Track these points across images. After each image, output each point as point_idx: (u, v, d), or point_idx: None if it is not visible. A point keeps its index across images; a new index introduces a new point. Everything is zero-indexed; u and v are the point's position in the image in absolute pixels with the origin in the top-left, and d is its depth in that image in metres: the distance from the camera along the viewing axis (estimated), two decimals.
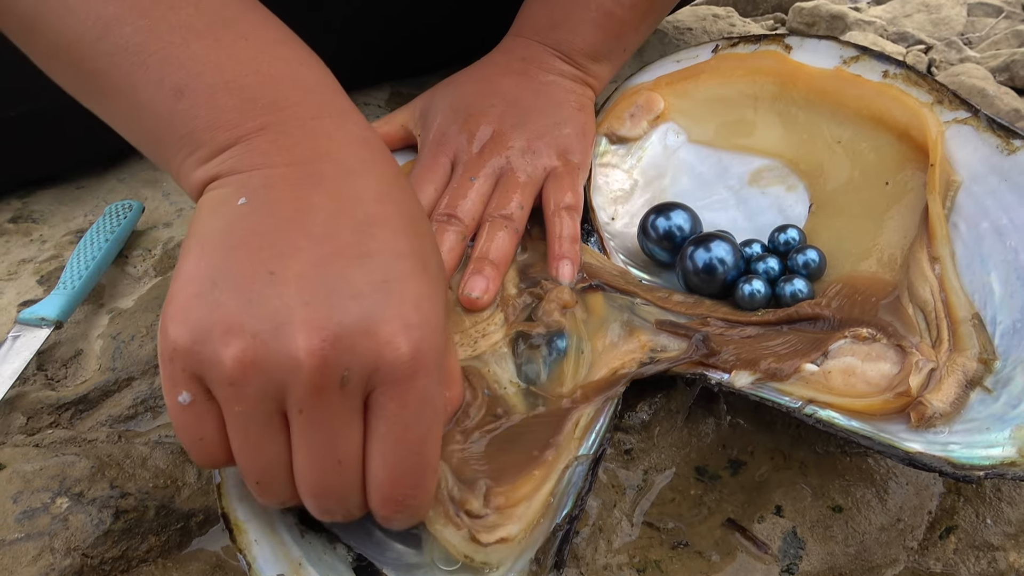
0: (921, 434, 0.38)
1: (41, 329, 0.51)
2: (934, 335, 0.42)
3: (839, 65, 0.53)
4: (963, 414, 0.38)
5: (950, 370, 0.39)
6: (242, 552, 0.35)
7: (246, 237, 0.31)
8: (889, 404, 0.39)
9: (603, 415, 0.42)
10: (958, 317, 0.42)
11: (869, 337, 0.41)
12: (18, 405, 0.49)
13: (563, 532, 0.37)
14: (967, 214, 0.45)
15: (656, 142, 0.57)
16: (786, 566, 0.42)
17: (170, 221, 0.63)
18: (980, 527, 0.43)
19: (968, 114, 0.47)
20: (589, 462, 0.39)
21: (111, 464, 0.44)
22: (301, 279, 0.30)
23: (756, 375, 0.41)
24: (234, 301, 0.30)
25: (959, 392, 0.38)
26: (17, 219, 0.64)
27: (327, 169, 0.33)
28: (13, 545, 0.39)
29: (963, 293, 0.43)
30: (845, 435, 0.38)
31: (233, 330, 0.29)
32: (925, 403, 0.38)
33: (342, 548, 0.37)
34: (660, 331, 0.45)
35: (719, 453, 0.46)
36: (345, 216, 0.32)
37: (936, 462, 0.36)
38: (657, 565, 0.42)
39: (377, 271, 0.31)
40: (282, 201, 0.32)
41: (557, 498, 0.38)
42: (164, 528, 0.43)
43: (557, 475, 0.39)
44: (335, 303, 0.29)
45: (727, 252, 0.47)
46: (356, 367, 0.29)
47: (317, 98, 0.36)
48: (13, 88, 0.60)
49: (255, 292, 0.30)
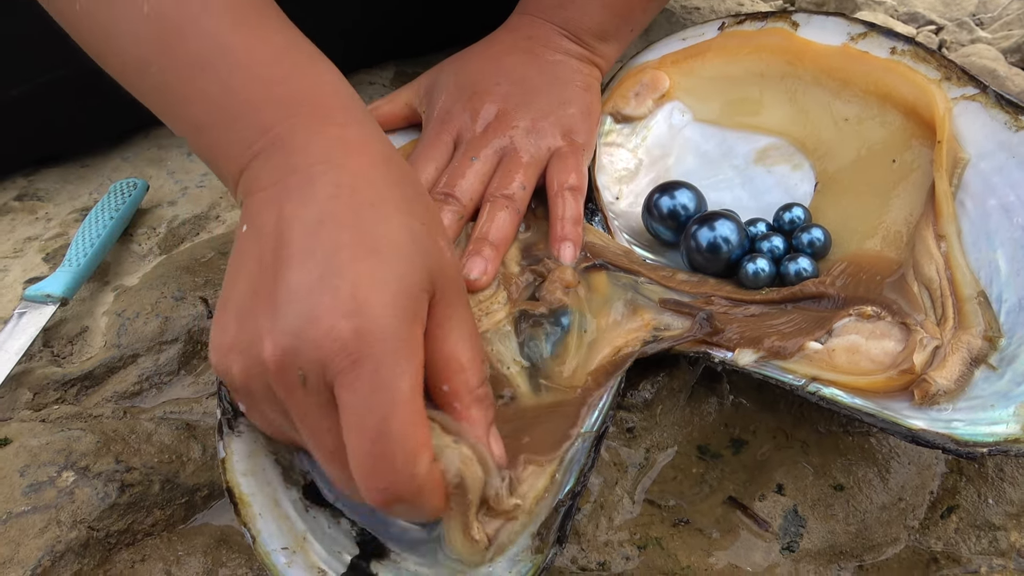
0: (925, 411, 0.38)
1: (47, 306, 0.51)
2: (939, 313, 0.41)
3: (846, 42, 0.52)
4: (967, 391, 0.38)
5: (954, 348, 0.39)
6: (246, 526, 0.36)
7: (243, 262, 0.35)
8: (893, 382, 0.39)
9: (606, 393, 0.42)
10: (963, 295, 0.41)
11: (873, 315, 0.41)
12: (24, 381, 0.49)
13: (565, 508, 0.37)
14: (974, 191, 0.44)
15: (661, 121, 0.57)
16: (787, 543, 0.42)
17: (175, 200, 0.63)
18: (982, 507, 0.43)
19: (976, 90, 0.47)
20: (592, 439, 0.39)
21: (116, 439, 0.44)
22: (268, 297, 0.33)
23: (760, 353, 0.41)
24: (233, 325, 0.34)
25: (963, 370, 0.38)
26: (23, 197, 0.64)
27: (293, 182, 0.35)
28: (20, 517, 0.40)
29: (969, 271, 0.42)
30: (848, 412, 0.38)
31: (233, 349, 0.34)
32: (929, 380, 0.38)
33: (346, 523, 0.37)
34: (664, 310, 0.45)
35: (721, 432, 0.46)
36: (297, 225, 0.34)
37: (939, 439, 0.36)
38: (658, 542, 0.42)
39: (314, 270, 0.32)
40: (264, 225, 0.35)
41: (560, 475, 0.38)
42: (169, 502, 0.43)
43: (561, 453, 0.39)
44: (284, 312, 0.32)
45: (731, 231, 0.47)
46: (307, 365, 0.32)
47: (307, 110, 0.38)
48: (17, 67, 0.60)
49: (243, 314, 0.34)
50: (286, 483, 0.38)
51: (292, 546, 0.35)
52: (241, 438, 0.39)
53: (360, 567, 0.35)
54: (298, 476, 0.38)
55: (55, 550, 0.39)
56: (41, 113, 0.63)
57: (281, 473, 0.38)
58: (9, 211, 0.63)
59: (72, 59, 0.63)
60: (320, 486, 0.38)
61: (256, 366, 0.33)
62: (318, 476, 0.39)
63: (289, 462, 0.39)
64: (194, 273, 0.55)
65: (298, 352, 0.32)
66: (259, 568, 0.41)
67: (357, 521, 0.37)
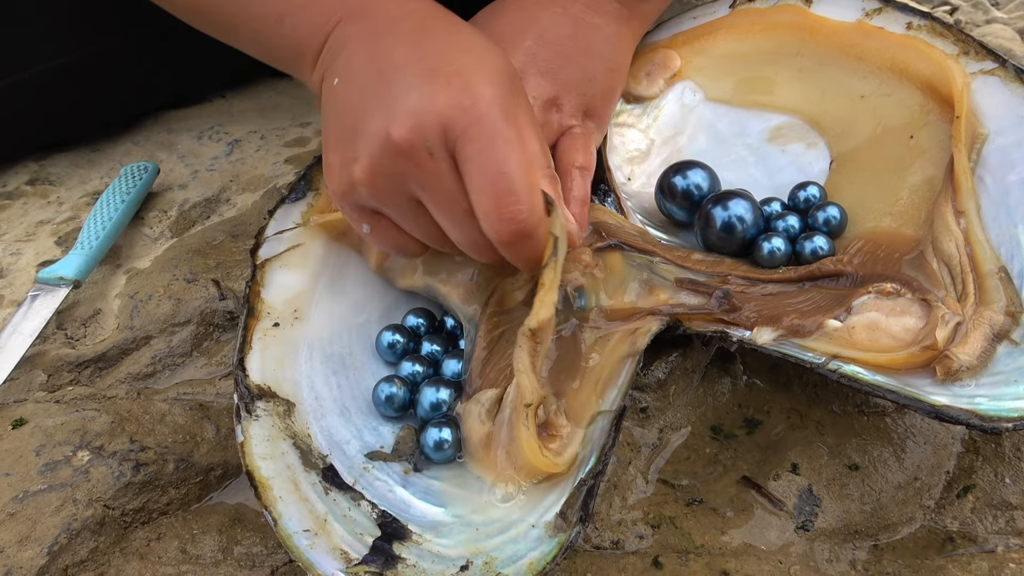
0: (947, 387, 0.37)
1: (60, 288, 0.51)
2: (959, 289, 0.41)
3: (861, 18, 0.51)
4: (990, 367, 0.38)
5: (976, 324, 0.39)
6: (267, 509, 0.36)
7: (344, 100, 0.40)
8: (915, 358, 0.38)
9: (624, 371, 0.41)
10: (984, 271, 0.41)
11: (893, 292, 0.41)
12: (39, 363, 0.49)
13: (588, 487, 0.37)
14: (993, 167, 0.44)
15: (673, 101, 0.56)
16: (801, 523, 0.41)
17: (185, 183, 0.63)
18: (998, 486, 0.43)
19: (995, 65, 0.46)
20: (611, 417, 0.39)
21: (130, 419, 0.44)
22: (381, 101, 0.38)
23: (779, 331, 0.41)
24: (348, 143, 0.39)
25: (985, 345, 0.38)
26: (34, 182, 0.64)
27: (381, 29, 0.41)
28: (37, 496, 0.40)
29: (989, 246, 0.42)
30: (870, 389, 0.38)
31: (353, 158, 0.39)
32: (951, 356, 0.38)
33: (366, 505, 0.37)
34: (680, 289, 0.45)
35: (735, 412, 0.46)
36: (396, 48, 0.40)
37: (963, 415, 0.36)
38: (672, 521, 0.42)
39: (423, 67, 0.38)
40: (360, 66, 0.40)
41: (582, 453, 0.38)
42: (183, 481, 0.43)
43: (582, 432, 0.39)
44: (403, 101, 0.38)
45: (746, 210, 0.46)
46: (432, 134, 0.37)
47: None
48: (28, 50, 0.60)
49: (357, 129, 0.39)
50: (305, 467, 0.38)
51: (314, 528, 0.35)
52: (259, 422, 0.39)
53: (383, 548, 0.35)
54: (317, 460, 0.38)
55: (71, 528, 0.39)
56: (52, 97, 0.63)
57: (300, 457, 0.38)
58: (21, 195, 0.63)
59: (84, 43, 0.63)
60: (339, 469, 0.38)
61: (382, 154, 0.37)
62: (337, 459, 0.39)
63: (308, 446, 0.39)
64: (205, 256, 0.55)
65: (423, 126, 0.37)
66: (273, 546, 0.41)
67: (377, 503, 0.37)
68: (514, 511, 0.37)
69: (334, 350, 0.44)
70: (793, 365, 0.46)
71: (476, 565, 0.35)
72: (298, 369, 0.42)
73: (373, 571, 0.34)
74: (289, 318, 0.44)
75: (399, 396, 0.42)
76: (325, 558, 0.35)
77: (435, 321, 0.48)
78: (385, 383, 0.43)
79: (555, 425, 0.39)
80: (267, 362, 0.42)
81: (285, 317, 0.44)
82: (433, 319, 0.48)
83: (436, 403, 0.42)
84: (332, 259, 0.48)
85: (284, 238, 0.48)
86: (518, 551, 0.35)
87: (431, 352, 0.46)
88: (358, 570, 0.34)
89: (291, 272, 0.46)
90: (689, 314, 0.43)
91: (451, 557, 0.35)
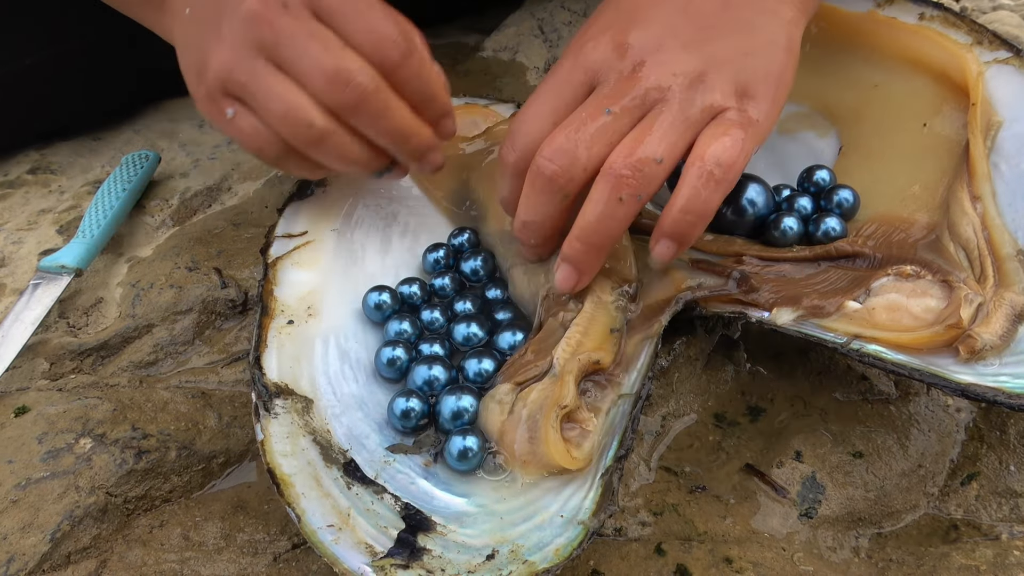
0: (971, 367, 0.37)
1: (61, 277, 0.51)
2: (977, 272, 0.41)
3: (873, 8, 0.51)
4: (1012, 347, 0.38)
5: (997, 304, 0.39)
6: (291, 505, 0.35)
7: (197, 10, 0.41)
8: (938, 337, 0.38)
9: (643, 354, 0.41)
10: (1002, 254, 0.41)
11: (913, 274, 0.41)
12: (41, 351, 0.49)
13: (614, 473, 0.37)
14: (1008, 153, 0.44)
15: None
16: (805, 510, 0.41)
17: (187, 172, 0.63)
18: (1003, 473, 0.43)
19: (1009, 54, 0.46)
20: (632, 401, 0.39)
21: (132, 407, 0.44)
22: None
23: (799, 312, 0.40)
24: (211, 36, 0.39)
25: (1008, 326, 0.38)
26: (36, 170, 0.64)
27: None
28: (39, 483, 0.40)
29: (1007, 230, 0.42)
30: (893, 369, 0.38)
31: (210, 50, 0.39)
32: (975, 336, 0.37)
33: (389, 498, 0.37)
34: (696, 270, 0.44)
35: (738, 400, 0.46)
36: None
37: (990, 392, 0.36)
38: (674, 508, 0.42)
39: None
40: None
41: (604, 441, 0.38)
42: (186, 469, 0.43)
43: (603, 416, 0.39)
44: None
45: (758, 193, 0.46)
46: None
47: None
48: (28, 38, 0.60)
49: (220, 17, 0.39)
50: (326, 462, 0.38)
51: (338, 523, 0.35)
52: (278, 420, 0.38)
53: (408, 541, 0.35)
54: (337, 455, 0.38)
55: (74, 515, 0.39)
56: (52, 85, 0.63)
57: (320, 452, 0.38)
58: (23, 184, 0.63)
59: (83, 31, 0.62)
60: (360, 463, 0.38)
61: (242, 26, 0.38)
62: (357, 453, 0.39)
63: (327, 441, 0.39)
64: (207, 244, 0.55)
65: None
66: (276, 533, 0.41)
67: (400, 496, 0.37)
68: (538, 498, 0.37)
69: (349, 345, 0.44)
70: (797, 352, 0.46)
71: (502, 554, 0.35)
72: (314, 365, 0.42)
73: (399, 563, 0.34)
74: (303, 315, 0.44)
75: (416, 410, 0.40)
76: (351, 552, 0.34)
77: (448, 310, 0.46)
78: (401, 397, 0.40)
79: (579, 420, 0.39)
80: (283, 360, 0.41)
81: (299, 314, 0.44)
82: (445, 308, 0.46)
83: (457, 411, 0.39)
84: (343, 255, 0.47)
85: (294, 235, 0.47)
86: (544, 538, 0.35)
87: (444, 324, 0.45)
88: (384, 563, 0.34)
89: (302, 269, 0.46)
90: (707, 296, 0.43)
91: (476, 547, 0.35)
